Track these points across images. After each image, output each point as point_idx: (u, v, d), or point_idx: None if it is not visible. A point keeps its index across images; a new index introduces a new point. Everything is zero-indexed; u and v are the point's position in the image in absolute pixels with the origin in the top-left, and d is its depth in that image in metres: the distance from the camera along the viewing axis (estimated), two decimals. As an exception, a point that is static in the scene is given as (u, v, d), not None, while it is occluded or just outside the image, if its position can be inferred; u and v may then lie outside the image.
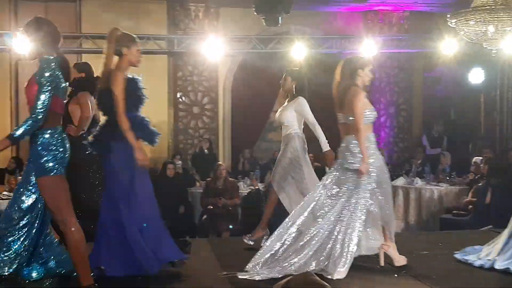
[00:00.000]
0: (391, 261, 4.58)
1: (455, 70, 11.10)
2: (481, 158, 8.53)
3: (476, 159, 8.77)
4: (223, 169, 8.02)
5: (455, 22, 6.28)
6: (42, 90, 3.54)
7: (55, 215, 3.72)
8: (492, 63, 9.89)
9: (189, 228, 8.01)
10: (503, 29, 6.07)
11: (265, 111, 11.75)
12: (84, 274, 3.74)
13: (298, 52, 9.43)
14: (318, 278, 1.86)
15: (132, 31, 9.36)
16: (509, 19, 5.95)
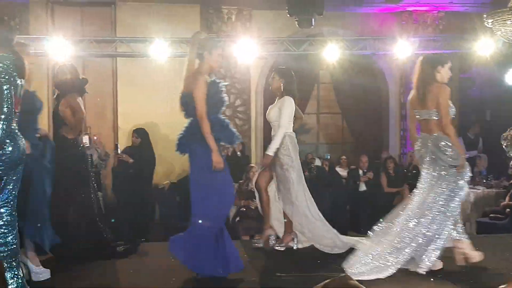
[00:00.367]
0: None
1: (491, 71, 10.88)
2: (518, 160, 8.35)
3: (513, 161, 8.58)
4: (255, 171, 8.02)
5: (491, 22, 6.12)
6: None
7: None
8: (530, 64, 9.68)
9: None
10: (542, 29, 5.92)
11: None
12: None
13: (331, 53, 9.38)
14: (356, 281, 1.85)
15: (165, 34, 9.57)
16: (548, 18, 5.79)
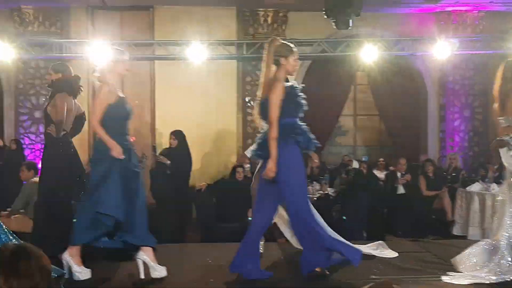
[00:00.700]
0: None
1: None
2: None
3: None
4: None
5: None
6: None
7: None
8: None
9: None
10: None
11: (334, 115, 11.66)
12: None
13: (368, 54, 9.30)
14: (399, 287, 1.81)
15: (202, 37, 9.61)
16: None
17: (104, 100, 4.46)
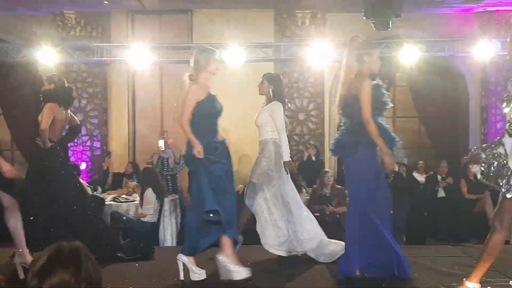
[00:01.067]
0: None
1: None
2: None
3: None
4: (330, 176, 7.95)
5: None
6: None
7: None
8: None
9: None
10: None
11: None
12: None
13: (408, 55, 9.16)
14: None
15: (239, 39, 9.65)
16: None
17: (192, 98, 4.50)
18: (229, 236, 4.44)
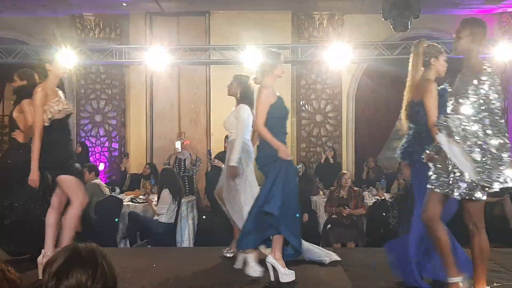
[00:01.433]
0: None
1: None
2: None
3: None
4: (348, 178, 7.92)
5: None
6: None
7: None
8: None
9: (313, 237, 7.98)
10: None
11: (391, 119, 11.41)
12: None
13: (426, 57, 9.07)
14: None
15: (257, 41, 9.65)
16: None
17: (266, 102, 4.58)
18: (281, 237, 4.46)
